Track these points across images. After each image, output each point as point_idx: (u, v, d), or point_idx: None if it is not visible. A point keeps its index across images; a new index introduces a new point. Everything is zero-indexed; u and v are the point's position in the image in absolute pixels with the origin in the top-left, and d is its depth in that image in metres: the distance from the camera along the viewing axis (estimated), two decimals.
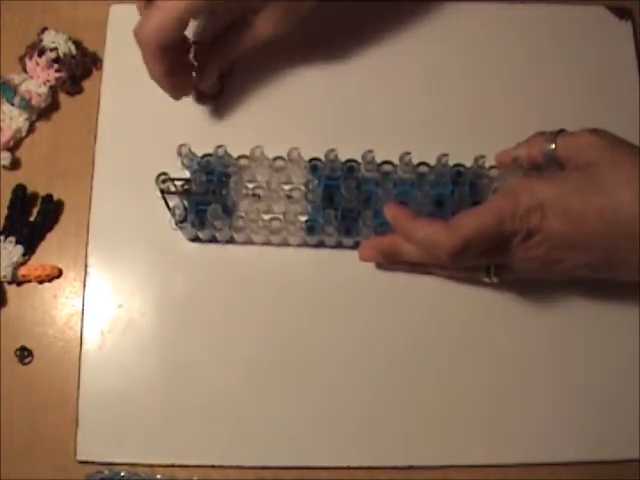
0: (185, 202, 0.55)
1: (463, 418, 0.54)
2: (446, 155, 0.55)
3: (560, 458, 0.54)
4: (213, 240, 0.57)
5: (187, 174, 0.56)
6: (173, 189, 0.55)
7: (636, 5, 0.63)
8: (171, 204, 0.55)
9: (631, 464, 0.54)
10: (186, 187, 0.55)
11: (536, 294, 0.56)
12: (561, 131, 0.52)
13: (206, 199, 0.55)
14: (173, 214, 0.55)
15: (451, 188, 0.55)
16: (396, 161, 0.55)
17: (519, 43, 0.62)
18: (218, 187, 0.55)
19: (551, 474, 0.54)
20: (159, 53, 0.52)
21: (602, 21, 0.63)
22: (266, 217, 0.55)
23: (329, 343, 0.55)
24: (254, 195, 0.55)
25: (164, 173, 0.55)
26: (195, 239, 0.57)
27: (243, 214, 0.55)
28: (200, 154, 0.56)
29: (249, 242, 0.57)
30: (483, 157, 0.55)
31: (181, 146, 0.55)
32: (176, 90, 0.56)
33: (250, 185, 0.56)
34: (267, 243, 0.57)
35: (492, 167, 0.55)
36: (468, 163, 0.55)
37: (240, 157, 0.56)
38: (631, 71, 0.62)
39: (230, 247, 0.57)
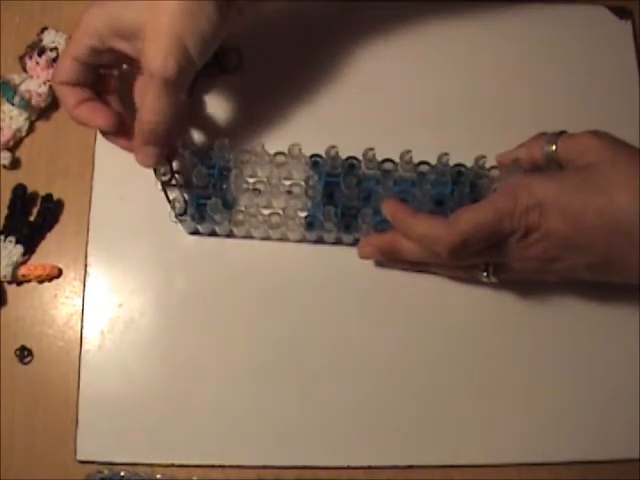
0: (185, 195, 0.55)
1: (463, 418, 0.54)
2: (447, 154, 0.55)
3: (560, 458, 0.54)
4: (213, 234, 0.57)
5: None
6: (174, 182, 0.55)
7: (636, 5, 0.63)
8: (171, 197, 0.55)
9: (631, 464, 0.54)
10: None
11: (535, 294, 0.56)
12: (562, 132, 0.52)
13: (206, 192, 0.55)
14: (173, 207, 0.55)
15: (451, 188, 0.55)
16: (397, 159, 0.55)
17: (519, 43, 0.62)
18: (219, 181, 0.55)
19: (551, 474, 0.54)
20: (63, 89, 0.53)
21: (602, 21, 0.63)
22: (266, 212, 0.55)
23: (328, 341, 0.55)
24: (254, 190, 0.55)
25: (165, 165, 0.55)
26: (195, 232, 0.57)
27: (243, 208, 0.55)
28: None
29: (248, 236, 0.57)
30: (484, 157, 0.55)
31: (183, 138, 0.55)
32: (90, 122, 0.54)
33: (250, 180, 0.56)
34: (266, 238, 0.57)
35: (493, 167, 0.55)
36: (469, 163, 0.55)
37: (241, 151, 0.56)
38: (631, 71, 0.62)
39: (229, 241, 0.57)
